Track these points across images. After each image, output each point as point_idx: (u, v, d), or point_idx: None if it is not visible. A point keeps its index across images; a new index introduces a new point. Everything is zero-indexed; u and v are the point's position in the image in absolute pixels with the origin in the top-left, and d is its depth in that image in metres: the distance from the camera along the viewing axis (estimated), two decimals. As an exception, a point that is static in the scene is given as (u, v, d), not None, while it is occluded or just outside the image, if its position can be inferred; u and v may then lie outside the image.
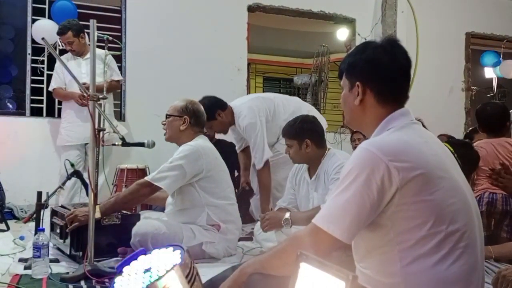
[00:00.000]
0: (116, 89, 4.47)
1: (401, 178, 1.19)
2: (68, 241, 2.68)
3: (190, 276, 1.24)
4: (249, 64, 5.75)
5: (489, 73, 7.10)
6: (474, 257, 1.24)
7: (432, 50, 5.89)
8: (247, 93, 5.78)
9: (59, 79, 4.22)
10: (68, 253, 2.69)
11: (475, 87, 6.70)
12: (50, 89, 4.34)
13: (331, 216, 1.25)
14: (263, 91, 8.22)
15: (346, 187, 1.24)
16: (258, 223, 3.06)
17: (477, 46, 6.75)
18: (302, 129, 2.80)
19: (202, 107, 3.00)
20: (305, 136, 2.78)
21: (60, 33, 4.15)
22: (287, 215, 2.73)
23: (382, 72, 1.36)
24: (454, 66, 6.41)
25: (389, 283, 1.22)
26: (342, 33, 6.02)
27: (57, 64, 4.26)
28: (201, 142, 2.91)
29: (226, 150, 3.77)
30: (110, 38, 4.19)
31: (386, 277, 1.23)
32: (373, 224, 1.25)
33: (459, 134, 4.47)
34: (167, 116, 2.94)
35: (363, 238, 1.29)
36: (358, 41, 5.76)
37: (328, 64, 6.74)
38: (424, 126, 2.89)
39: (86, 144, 4.23)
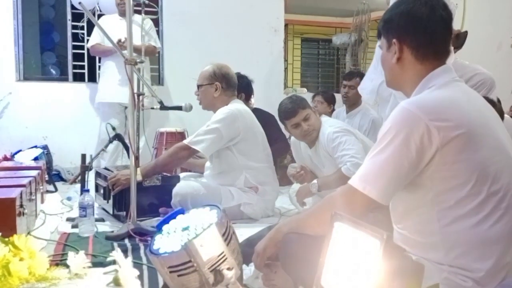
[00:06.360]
0: (153, 54, 4.49)
1: (442, 138, 1.15)
2: (111, 201, 2.79)
3: (227, 234, 1.27)
4: (286, 25, 5.63)
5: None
6: (517, 217, 1.19)
7: (480, 2, 5.55)
8: (284, 55, 5.69)
9: (99, 36, 4.28)
10: (111, 213, 2.81)
11: (527, 43, 6.31)
12: (88, 45, 4.41)
13: (368, 176, 1.23)
14: (301, 53, 8.05)
15: (384, 147, 1.21)
16: (294, 185, 3.07)
17: (530, -2, 6.31)
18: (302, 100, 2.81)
19: (229, 69, 2.98)
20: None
21: None
22: (315, 180, 2.76)
23: (419, 25, 1.29)
24: (504, 19, 6.04)
25: (427, 242, 1.20)
26: (383, -11, 5.76)
27: (100, 21, 4.32)
28: (238, 105, 2.92)
29: (263, 119, 3.73)
30: (147, 2, 4.21)
31: (424, 237, 1.21)
32: (411, 185, 1.22)
33: (506, 94, 4.24)
34: (199, 86, 2.96)
35: (401, 199, 1.26)
36: (400, -4, 5.50)
37: (368, 22, 6.49)
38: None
39: (126, 108, 4.34)
